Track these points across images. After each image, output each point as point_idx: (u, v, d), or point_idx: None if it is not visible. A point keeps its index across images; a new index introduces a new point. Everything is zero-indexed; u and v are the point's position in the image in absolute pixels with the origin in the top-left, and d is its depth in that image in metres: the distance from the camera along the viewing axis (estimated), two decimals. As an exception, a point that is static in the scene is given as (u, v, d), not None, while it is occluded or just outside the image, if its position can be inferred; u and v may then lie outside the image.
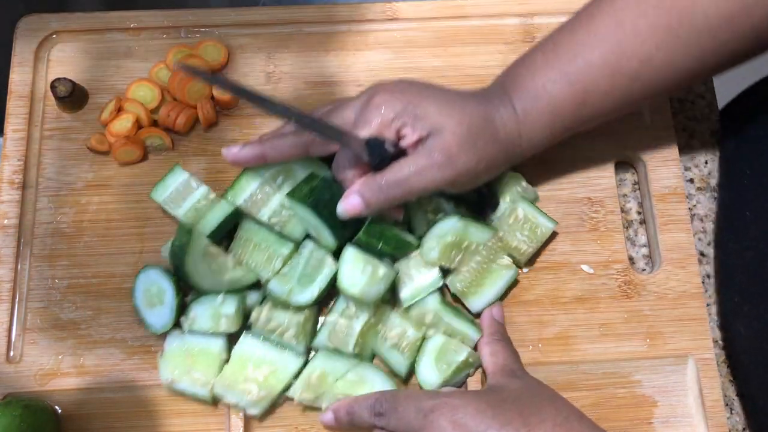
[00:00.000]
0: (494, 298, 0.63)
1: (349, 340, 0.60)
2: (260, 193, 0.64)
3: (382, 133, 0.57)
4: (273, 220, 0.64)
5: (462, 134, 0.57)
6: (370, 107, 0.58)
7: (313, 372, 0.60)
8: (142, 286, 0.62)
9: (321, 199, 0.59)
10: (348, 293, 0.59)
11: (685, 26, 0.56)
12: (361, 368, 0.60)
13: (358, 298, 0.59)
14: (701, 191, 0.71)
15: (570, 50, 0.59)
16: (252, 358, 0.60)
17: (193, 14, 0.73)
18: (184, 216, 0.63)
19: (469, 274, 0.63)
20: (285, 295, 0.60)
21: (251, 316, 0.61)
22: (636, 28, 0.57)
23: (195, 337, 0.61)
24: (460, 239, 0.62)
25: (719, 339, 0.67)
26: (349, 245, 0.60)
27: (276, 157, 0.62)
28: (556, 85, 0.59)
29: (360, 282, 0.59)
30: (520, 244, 0.64)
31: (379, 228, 0.60)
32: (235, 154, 0.62)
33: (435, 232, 0.62)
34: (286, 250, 0.62)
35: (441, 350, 0.61)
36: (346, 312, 0.61)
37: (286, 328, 0.60)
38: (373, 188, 0.57)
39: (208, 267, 0.61)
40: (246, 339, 0.61)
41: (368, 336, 0.61)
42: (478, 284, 0.63)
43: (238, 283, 0.62)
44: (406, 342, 0.61)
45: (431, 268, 0.62)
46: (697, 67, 0.58)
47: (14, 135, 0.69)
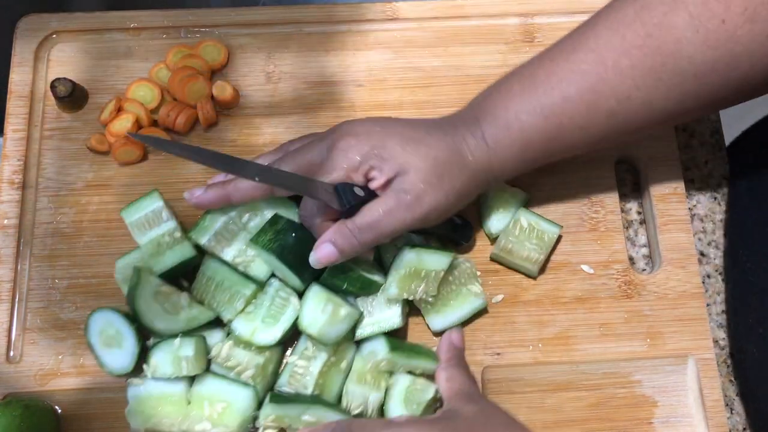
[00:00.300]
0: (456, 322, 0.63)
1: (307, 382, 0.58)
2: (225, 231, 0.63)
3: (351, 177, 0.57)
4: (237, 260, 0.62)
5: (427, 170, 0.56)
6: (336, 152, 0.57)
7: (267, 418, 0.58)
8: (96, 327, 0.60)
9: (286, 244, 0.59)
10: (306, 332, 0.58)
11: (668, 69, 0.54)
12: (315, 410, 0.58)
13: (316, 337, 0.58)
14: (701, 191, 0.71)
15: (548, 82, 0.58)
16: (207, 396, 0.58)
17: (193, 14, 0.73)
18: (144, 246, 0.62)
19: (435, 291, 0.61)
20: (249, 335, 0.59)
21: (212, 351, 0.60)
22: (618, 66, 0.55)
23: (156, 384, 0.59)
24: (416, 269, 0.60)
25: (719, 340, 0.67)
26: (314, 284, 0.60)
27: (240, 199, 0.61)
28: (530, 117, 0.58)
29: (319, 321, 0.58)
30: (531, 252, 0.64)
31: (343, 269, 0.60)
32: (199, 198, 0.61)
33: (393, 267, 0.61)
34: (248, 291, 0.61)
35: (408, 391, 0.59)
36: (305, 353, 0.60)
37: (244, 368, 0.59)
38: (345, 235, 0.57)
39: (160, 307, 0.59)
40: (201, 377, 0.59)
41: (329, 376, 0.60)
42: (443, 304, 0.62)
43: (194, 321, 0.60)
44: (372, 406, 0.59)
45: (393, 306, 0.61)
46: (677, 110, 0.57)
47: (14, 135, 0.69)
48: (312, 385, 0.58)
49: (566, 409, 0.63)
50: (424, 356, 0.60)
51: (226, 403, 0.58)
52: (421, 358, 0.60)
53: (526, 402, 0.63)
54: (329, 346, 0.59)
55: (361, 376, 0.60)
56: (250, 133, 0.70)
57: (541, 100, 0.58)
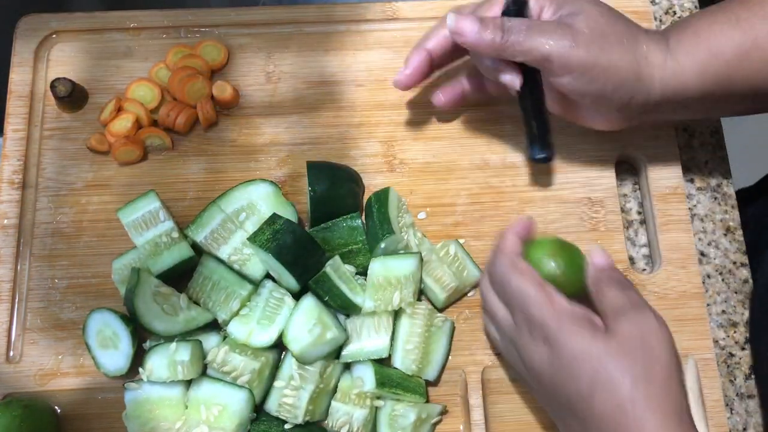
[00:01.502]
0: (445, 357, 0.63)
1: (298, 413, 0.58)
2: (221, 229, 0.63)
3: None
4: (233, 258, 0.62)
5: (597, 21, 0.55)
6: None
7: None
8: (94, 327, 0.61)
9: (284, 243, 0.59)
10: (288, 347, 0.58)
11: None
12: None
13: (296, 356, 0.58)
14: (701, 191, 0.71)
15: (744, 4, 0.55)
16: (203, 399, 0.58)
17: (192, 14, 0.73)
18: (142, 247, 0.62)
19: (417, 348, 0.61)
20: (245, 338, 0.60)
21: (208, 356, 0.60)
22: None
23: (153, 387, 0.59)
24: (385, 278, 0.60)
25: (719, 340, 0.67)
26: (309, 295, 0.60)
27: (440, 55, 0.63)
28: (724, 27, 0.55)
29: (303, 341, 0.58)
30: (445, 275, 0.63)
31: (329, 283, 0.60)
32: (403, 74, 0.63)
33: (366, 284, 0.61)
34: (244, 292, 0.61)
35: (390, 417, 0.59)
36: (292, 383, 0.59)
37: (240, 373, 0.59)
38: (497, 26, 0.56)
39: (159, 307, 0.60)
40: (198, 380, 0.59)
41: (318, 401, 0.59)
42: (425, 354, 0.61)
43: (193, 322, 0.60)
44: (357, 425, 0.59)
45: (381, 333, 0.61)
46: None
47: (14, 135, 0.69)
48: (302, 415, 0.58)
49: (566, 409, 0.63)
50: (411, 392, 0.60)
51: (222, 406, 0.58)
52: (408, 394, 0.59)
53: (525, 402, 0.63)
54: (315, 375, 0.59)
55: (345, 395, 0.60)
56: (250, 133, 0.70)
57: (737, 11, 0.55)
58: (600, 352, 0.49)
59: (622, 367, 0.48)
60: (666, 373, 0.48)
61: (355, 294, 0.61)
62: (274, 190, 0.65)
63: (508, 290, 0.53)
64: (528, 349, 0.53)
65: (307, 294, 0.60)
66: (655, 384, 0.48)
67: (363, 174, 0.68)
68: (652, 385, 0.47)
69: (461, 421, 0.62)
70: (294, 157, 0.69)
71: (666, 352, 0.49)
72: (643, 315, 0.50)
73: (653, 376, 0.48)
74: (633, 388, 0.47)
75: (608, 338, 0.49)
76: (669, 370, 0.48)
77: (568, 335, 0.50)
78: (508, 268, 0.54)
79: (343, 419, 0.59)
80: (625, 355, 0.48)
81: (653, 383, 0.48)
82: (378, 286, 0.60)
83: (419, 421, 0.60)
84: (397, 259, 0.61)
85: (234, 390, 0.58)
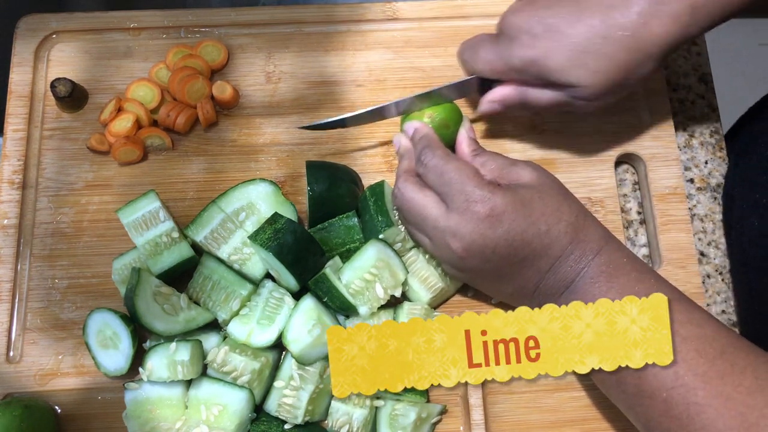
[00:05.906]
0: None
1: (297, 414, 0.59)
2: (221, 229, 0.63)
3: None
4: (233, 257, 0.62)
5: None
6: None
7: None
8: (94, 327, 0.61)
9: (285, 243, 0.59)
10: (288, 347, 0.59)
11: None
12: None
13: (296, 356, 0.58)
14: (701, 191, 0.71)
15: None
16: (203, 399, 0.59)
17: (192, 14, 0.73)
18: (142, 247, 0.62)
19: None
20: (245, 338, 0.60)
21: (208, 356, 0.60)
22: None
23: (153, 387, 0.59)
24: (360, 278, 0.60)
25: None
26: (309, 296, 0.60)
27: None
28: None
29: (302, 342, 0.58)
30: (431, 276, 0.62)
31: (328, 284, 0.60)
32: None
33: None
34: (244, 291, 0.61)
35: (390, 416, 0.60)
36: (292, 384, 0.59)
37: (240, 373, 0.59)
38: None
39: (160, 307, 0.60)
40: (198, 380, 0.59)
41: (318, 400, 0.60)
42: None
43: (193, 322, 0.60)
44: (357, 425, 0.59)
45: None
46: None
47: (14, 135, 0.69)
48: (302, 416, 0.59)
49: (565, 409, 0.63)
50: (411, 392, 0.59)
51: (222, 406, 0.58)
52: (408, 393, 0.59)
53: (525, 402, 0.63)
54: (315, 376, 0.59)
55: None
56: (250, 133, 0.70)
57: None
58: (535, 191, 0.56)
59: (557, 198, 0.56)
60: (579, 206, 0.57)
61: (353, 296, 0.61)
62: (273, 189, 0.65)
63: (446, 177, 0.56)
64: (475, 223, 0.55)
65: (306, 295, 0.60)
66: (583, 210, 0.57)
67: (363, 174, 0.68)
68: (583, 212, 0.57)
69: (461, 421, 0.62)
70: (294, 157, 0.69)
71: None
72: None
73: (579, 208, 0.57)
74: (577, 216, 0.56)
75: (535, 180, 0.57)
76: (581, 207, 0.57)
77: (510, 189, 0.56)
78: (439, 160, 0.58)
79: (343, 419, 0.59)
80: (549, 196, 0.56)
81: (584, 213, 0.57)
82: (359, 290, 0.60)
83: (419, 421, 0.60)
84: (358, 257, 0.61)
85: (234, 390, 0.58)
